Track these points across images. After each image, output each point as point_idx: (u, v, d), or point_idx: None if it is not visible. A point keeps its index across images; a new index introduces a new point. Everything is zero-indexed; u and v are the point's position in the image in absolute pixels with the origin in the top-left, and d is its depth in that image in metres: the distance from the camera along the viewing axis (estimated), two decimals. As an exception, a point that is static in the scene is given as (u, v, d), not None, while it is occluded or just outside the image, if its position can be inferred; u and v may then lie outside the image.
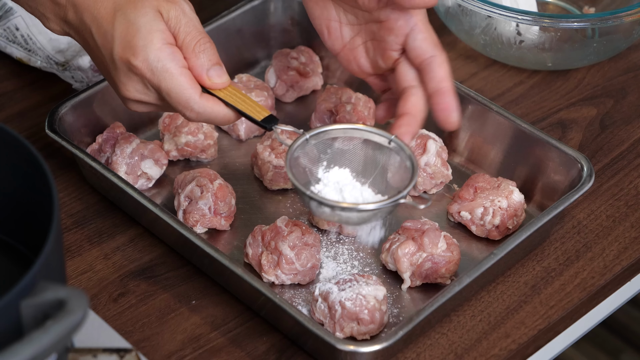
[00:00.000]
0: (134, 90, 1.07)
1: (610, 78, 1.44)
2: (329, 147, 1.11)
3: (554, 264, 1.21)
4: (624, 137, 1.36)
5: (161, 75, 1.04)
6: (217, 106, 1.07)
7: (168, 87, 1.05)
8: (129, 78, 1.06)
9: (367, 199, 1.09)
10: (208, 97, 1.07)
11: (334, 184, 1.09)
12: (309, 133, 1.10)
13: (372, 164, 1.11)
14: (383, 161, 1.11)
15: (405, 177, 1.08)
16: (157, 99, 1.07)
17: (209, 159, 1.32)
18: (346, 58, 1.16)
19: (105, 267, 1.20)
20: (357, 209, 1.05)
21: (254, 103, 1.08)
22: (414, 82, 1.11)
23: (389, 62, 1.13)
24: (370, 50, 1.14)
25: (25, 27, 1.43)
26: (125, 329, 1.14)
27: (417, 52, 1.10)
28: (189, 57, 1.06)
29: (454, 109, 1.08)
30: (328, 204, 1.05)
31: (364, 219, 1.07)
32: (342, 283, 1.12)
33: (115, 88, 1.09)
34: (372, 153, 1.11)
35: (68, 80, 1.38)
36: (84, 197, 1.28)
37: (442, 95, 1.09)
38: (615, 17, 1.35)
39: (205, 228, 1.23)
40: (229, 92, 1.08)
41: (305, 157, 1.10)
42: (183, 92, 1.05)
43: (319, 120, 1.33)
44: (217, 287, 1.18)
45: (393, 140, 1.10)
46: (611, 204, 1.27)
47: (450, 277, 1.18)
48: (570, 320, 1.18)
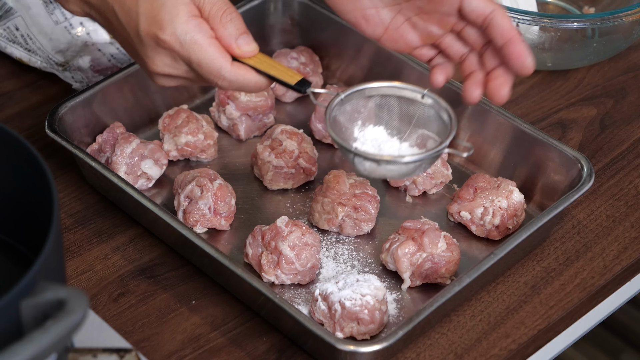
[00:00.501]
0: (162, 65, 1.07)
1: (610, 78, 1.44)
2: (363, 106, 1.12)
3: (554, 264, 1.21)
4: (624, 137, 1.36)
5: (190, 48, 1.05)
6: (249, 74, 1.08)
7: (198, 58, 1.05)
8: (156, 53, 1.06)
9: (405, 152, 1.10)
10: (239, 65, 1.07)
11: (371, 141, 1.11)
12: (343, 93, 1.11)
13: (407, 120, 1.12)
14: (418, 115, 1.12)
15: (442, 130, 1.10)
16: (186, 71, 1.08)
17: (209, 159, 1.32)
18: (391, 39, 1.16)
19: (105, 267, 1.20)
20: (402, 162, 1.06)
21: (285, 68, 1.09)
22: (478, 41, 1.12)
23: (447, 27, 1.13)
24: (418, 24, 1.14)
25: (25, 27, 1.43)
26: (125, 329, 1.14)
27: (477, 12, 1.10)
28: (217, 28, 1.07)
29: (528, 54, 1.09)
30: (373, 158, 1.06)
31: (408, 172, 1.08)
32: (342, 283, 1.12)
33: (143, 64, 1.09)
34: (406, 109, 1.12)
35: (68, 81, 1.38)
36: (84, 197, 1.28)
37: (514, 44, 1.09)
38: (615, 17, 1.35)
39: (205, 228, 1.23)
40: (259, 59, 1.09)
41: (341, 117, 1.11)
42: (214, 62, 1.05)
43: (319, 120, 1.33)
44: (217, 287, 1.18)
45: (426, 94, 1.11)
46: (611, 204, 1.27)
47: (450, 277, 1.18)
48: (570, 320, 1.18)
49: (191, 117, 1.31)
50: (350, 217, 1.22)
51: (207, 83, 1.08)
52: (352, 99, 1.11)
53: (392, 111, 1.12)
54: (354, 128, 1.11)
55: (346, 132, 1.11)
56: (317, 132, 1.34)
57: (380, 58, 1.36)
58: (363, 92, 1.11)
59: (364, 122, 1.12)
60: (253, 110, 1.33)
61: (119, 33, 1.09)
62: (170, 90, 1.36)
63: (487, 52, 1.10)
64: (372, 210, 1.22)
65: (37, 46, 1.42)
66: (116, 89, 1.31)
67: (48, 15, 1.45)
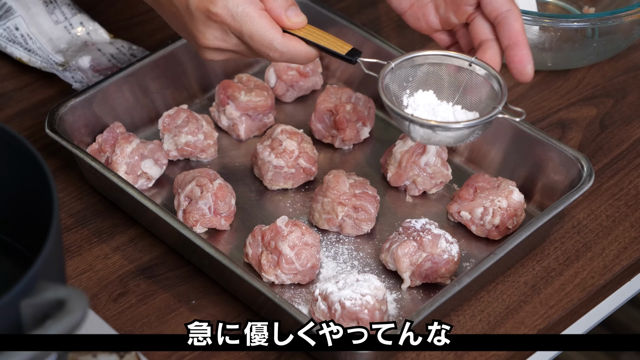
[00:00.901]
0: (213, 38, 1.09)
1: (610, 78, 1.44)
2: (413, 74, 1.15)
3: (553, 263, 1.21)
4: (624, 137, 1.36)
5: (242, 20, 1.07)
6: (299, 45, 1.10)
7: (250, 30, 1.07)
8: (207, 26, 1.08)
9: (459, 118, 1.12)
10: (290, 37, 1.10)
11: (424, 107, 1.13)
12: (393, 62, 1.13)
13: (455, 86, 1.15)
14: (466, 82, 1.14)
15: (489, 96, 1.12)
16: (236, 44, 1.10)
17: (209, 159, 1.32)
18: (414, 15, 1.18)
19: (105, 267, 1.20)
20: (458, 127, 1.09)
21: (334, 39, 1.12)
22: (489, 36, 1.14)
23: (462, 17, 1.16)
24: (440, 7, 1.17)
25: (26, 27, 1.43)
26: (125, 328, 1.14)
27: (493, 6, 1.12)
28: (266, 1, 1.09)
29: (529, 61, 1.12)
30: (429, 124, 1.09)
31: (462, 137, 1.11)
32: (342, 283, 1.12)
33: (193, 38, 1.11)
34: (454, 76, 1.15)
35: (68, 81, 1.38)
36: (84, 197, 1.28)
37: (518, 48, 1.12)
38: (615, 17, 1.35)
39: (205, 228, 1.23)
40: (308, 30, 1.11)
41: (393, 85, 1.14)
42: (266, 33, 1.08)
43: (318, 120, 1.33)
44: (217, 287, 1.18)
45: (474, 62, 1.13)
46: (611, 203, 1.27)
47: (450, 277, 1.18)
48: (570, 320, 1.18)
49: (191, 117, 1.31)
50: (350, 217, 1.22)
51: (256, 55, 1.11)
52: (402, 68, 1.14)
53: (440, 78, 1.15)
54: (404, 96, 1.14)
55: (396, 101, 1.13)
56: (317, 132, 1.34)
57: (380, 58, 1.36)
58: (412, 61, 1.14)
59: (414, 89, 1.14)
60: (253, 110, 1.33)
61: (166, 9, 1.11)
62: (170, 90, 1.36)
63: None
64: (372, 210, 1.22)
65: (37, 46, 1.42)
66: (116, 89, 1.31)
67: (48, 15, 1.45)
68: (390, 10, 1.51)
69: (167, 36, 1.42)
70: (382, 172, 1.30)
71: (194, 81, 1.38)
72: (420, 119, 1.09)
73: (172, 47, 1.35)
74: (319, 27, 1.11)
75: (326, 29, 1.40)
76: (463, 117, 1.13)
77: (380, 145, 1.34)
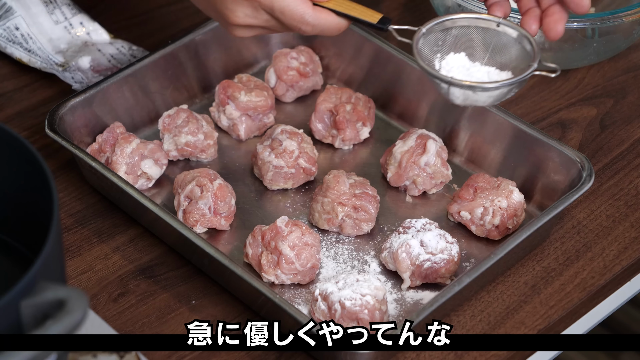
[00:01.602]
0: (244, 16, 1.11)
1: (610, 78, 1.44)
2: (443, 38, 1.16)
3: (553, 264, 1.21)
4: (624, 137, 1.36)
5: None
6: (330, 16, 1.12)
7: (281, 6, 1.09)
8: (237, 4, 1.10)
9: (492, 78, 1.14)
10: (320, 10, 1.11)
11: (458, 68, 1.14)
12: (424, 27, 1.14)
13: (486, 47, 1.16)
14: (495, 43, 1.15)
15: (520, 55, 1.14)
16: (267, 20, 1.11)
17: (209, 159, 1.32)
18: None
19: (105, 267, 1.20)
20: (497, 86, 1.11)
21: (364, 8, 1.13)
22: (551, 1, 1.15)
23: None
24: None
25: (26, 27, 1.43)
26: (125, 329, 1.14)
27: None
28: None
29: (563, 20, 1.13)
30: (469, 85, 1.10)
31: (501, 95, 1.12)
32: (342, 283, 1.12)
33: (222, 17, 1.12)
34: (484, 37, 1.16)
35: (68, 81, 1.38)
36: (84, 197, 1.28)
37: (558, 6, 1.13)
38: (615, 17, 1.35)
39: (205, 228, 1.23)
40: (337, 1, 1.12)
41: (425, 50, 1.15)
42: (297, 8, 1.09)
43: (319, 121, 1.33)
44: (217, 287, 1.18)
45: (502, 22, 1.14)
46: (611, 204, 1.27)
47: (450, 277, 1.18)
48: (570, 320, 1.18)
49: (191, 117, 1.31)
50: (350, 217, 1.22)
51: (287, 30, 1.12)
52: (433, 32, 1.15)
53: (471, 40, 1.16)
54: (435, 60, 1.15)
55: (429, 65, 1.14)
56: (317, 132, 1.34)
57: (380, 58, 1.36)
58: (442, 25, 1.15)
59: (445, 53, 1.16)
60: (253, 110, 1.33)
61: None
62: (170, 90, 1.36)
63: None
64: (372, 210, 1.22)
65: (37, 46, 1.42)
66: (116, 89, 1.31)
67: (48, 15, 1.45)
68: (390, 10, 1.52)
69: (167, 36, 1.42)
70: (382, 172, 1.30)
71: (194, 81, 1.38)
72: (460, 81, 1.10)
73: (172, 47, 1.35)
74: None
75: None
76: (497, 77, 1.14)
77: (380, 145, 1.34)
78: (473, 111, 1.30)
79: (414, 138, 1.27)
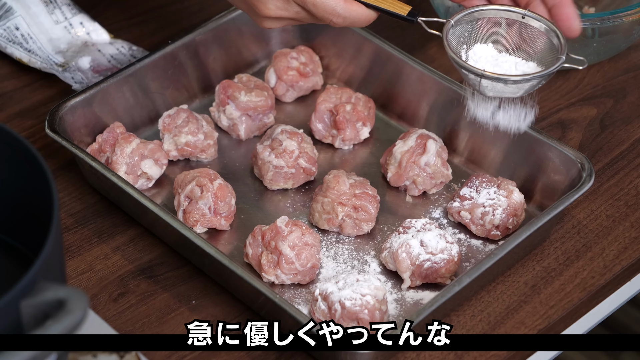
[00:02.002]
0: (275, 8, 1.13)
1: (610, 78, 1.44)
2: (470, 30, 1.17)
3: (553, 263, 1.21)
4: (624, 137, 1.36)
5: None
6: (360, 8, 1.14)
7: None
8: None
9: (520, 68, 1.16)
10: (351, 2, 1.14)
11: (486, 59, 1.16)
12: (453, 18, 1.16)
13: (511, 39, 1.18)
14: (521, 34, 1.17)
15: (545, 46, 1.15)
16: (297, 12, 1.14)
17: (209, 159, 1.32)
18: None
19: (105, 267, 1.20)
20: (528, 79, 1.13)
21: (393, 0, 1.16)
22: None
23: None
24: None
25: (26, 27, 1.43)
26: (125, 329, 1.14)
27: None
28: None
29: (575, 17, 1.16)
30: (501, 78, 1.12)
31: (531, 87, 1.14)
32: (342, 283, 1.12)
33: (252, 9, 1.14)
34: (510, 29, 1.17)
35: (68, 81, 1.38)
36: (84, 197, 1.28)
37: (563, 7, 1.17)
38: (615, 17, 1.35)
39: (205, 228, 1.23)
40: None
41: (453, 42, 1.16)
42: (329, 0, 1.12)
43: (319, 121, 1.33)
44: (217, 287, 1.18)
45: (527, 14, 1.16)
46: (611, 204, 1.27)
47: (450, 277, 1.18)
48: (570, 320, 1.18)
49: (191, 117, 1.31)
50: (350, 217, 1.22)
51: (317, 21, 1.15)
52: (461, 24, 1.17)
53: (497, 32, 1.18)
54: (461, 51, 1.17)
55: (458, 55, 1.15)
56: (317, 132, 1.34)
57: (380, 58, 1.36)
58: (470, 16, 1.17)
59: (472, 44, 1.17)
60: (253, 110, 1.33)
61: None
62: (170, 90, 1.36)
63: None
64: (372, 210, 1.22)
65: (37, 46, 1.42)
66: (116, 89, 1.31)
67: (48, 15, 1.45)
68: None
69: (167, 36, 1.42)
70: (382, 172, 1.30)
71: (194, 81, 1.38)
72: (493, 74, 1.12)
73: (172, 47, 1.35)
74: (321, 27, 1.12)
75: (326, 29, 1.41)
76: (524, 68, 1.16)
77: (380, 145, 1.34)
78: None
79: (414, 138, 1.27)
